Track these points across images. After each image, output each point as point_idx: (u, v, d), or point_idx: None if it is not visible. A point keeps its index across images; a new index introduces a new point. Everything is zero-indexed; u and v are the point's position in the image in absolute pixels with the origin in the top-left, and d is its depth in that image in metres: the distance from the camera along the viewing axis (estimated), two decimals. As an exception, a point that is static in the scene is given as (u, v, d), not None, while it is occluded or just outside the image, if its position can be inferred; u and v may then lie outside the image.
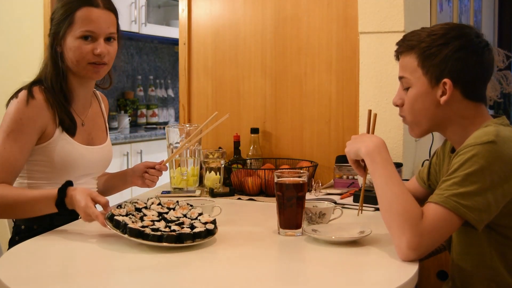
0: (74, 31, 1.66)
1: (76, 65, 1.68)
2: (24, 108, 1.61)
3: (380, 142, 1.40)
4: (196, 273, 1.23)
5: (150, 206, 1.45)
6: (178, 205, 1.49)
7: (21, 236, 1.68)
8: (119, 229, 1.33)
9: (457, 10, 3.33)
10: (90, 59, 1.67)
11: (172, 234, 1.30)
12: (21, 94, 1.64)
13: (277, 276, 1.24)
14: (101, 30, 1.68)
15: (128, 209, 1.42)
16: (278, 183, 1.48)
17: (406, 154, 2.21)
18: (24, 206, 1.54)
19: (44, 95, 1.65)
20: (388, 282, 1.16)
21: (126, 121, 4.40)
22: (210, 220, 1.41)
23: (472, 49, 1.36)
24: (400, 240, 1.25)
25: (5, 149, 1.58)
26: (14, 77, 2.80)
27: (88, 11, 1.66)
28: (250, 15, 2.42)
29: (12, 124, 1.60)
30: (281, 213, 1.48)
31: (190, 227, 1.36)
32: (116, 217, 1.35)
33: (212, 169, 2.09)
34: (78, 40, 1.66)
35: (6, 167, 1.58)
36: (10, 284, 1.12)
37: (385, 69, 2.18)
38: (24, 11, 3.16)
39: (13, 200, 1.54)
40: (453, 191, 1.24)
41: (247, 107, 2.44)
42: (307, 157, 2.32)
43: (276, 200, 1.49)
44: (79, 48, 1.66)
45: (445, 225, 1.24)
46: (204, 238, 1.34)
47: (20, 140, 1.60)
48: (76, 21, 1.66)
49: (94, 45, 1.67)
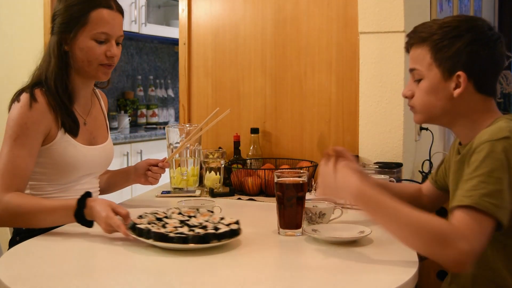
0: (88, 32, 1.66)
1: (87, 65, 1.68)
2: (28, 112, 1.60)
3: (354, 189, 1.30)
4: (195, 273, 1.23)
5: (171, 215, 1.45)
6: (199, 213, 1.48)
7: (21, 236, 1.68)
8: (143, 236, 1.33)
9: (457, 10, 3.33)
10: (102, 61, 1.68)
11: (198, 234, 1.30)
12: (23, 98, 1.63)
13: (278, 276, 1.24)
14: (115, 33, 1.68)
15: (149, 219, 1.41)
16: (278, 183, 1.48)
17: (406, 154, 2.21)
18: (40, 216, 1.52)
19: (46, 98, 1.64)
20: (388, 282, 1.16)
21: (126, 121, 4.40)
22: (234, 221, 1.41)
23: (485, 41, 1.35)
24: (446, 257, 1.19)
25: (14, 155, 1.57)
26: (14, 77, 2.80)
27: (103, 12, 1.66)
28: (250, 15, 2.42)
29: (17, 129, 1.59)
30: (281, 213, 1.48)
31: (214, 230, 1.35)
32: (139, 225, 1.35)
33: (212, 169, 2.09)
34: (91, 42, 1.66)
35: (17, 174, 1.57)
36: (10, 284, 1.12)
37: (385, 69, 2.18)
38: (24, 11, 3.16)
39: (28, 210, 1.52)
40: (482, 190, 1.20)
41: (247, 107, 2.44)
42: (307, 157, 2.32)
43: (276, 200, 1.49)
44: (92, 49, 1.66)
45: (482, 227, 1.18)
46: (230, 238, 1.34)
47: (27, 145, 1.59)
48: (90, 22, 1.65)
49: (107, 46, 1.67)
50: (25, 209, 1.52)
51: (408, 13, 2.17)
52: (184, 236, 1.30)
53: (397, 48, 2.15)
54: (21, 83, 1.71)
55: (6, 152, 1.59)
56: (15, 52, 3.27)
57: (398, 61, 2.16)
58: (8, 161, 1.57)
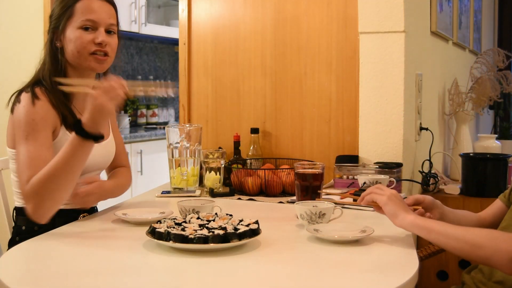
0: (74, 22, 1.66)
1: (78, 56, 1.67)
2: (32, 109, 1.59)
3: (411, 220, 1.38)
4: (192, 274, 1.23)
5: (190, 220, 1.44)
6: (218, 216, 1.48)
7: (21, 237, 1.67)
8: (162, 239, 1.32)
9: (457, 10, 3.33)
10: (91, 49, 1.67)
11: (218, 234, 1.30)
12: (25, 97, 1.62)
13: (278, 276, 1.24)
14: (102, 20, 1.68)
15: (168, 224, 1.41)
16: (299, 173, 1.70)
17: (406, 154, 2.21)
18: (62, 171, 1.48)
19: (46, 95, 1.64)
20: (388, 282, 1.16)
21: (126, 121, 4.40)
22: (253, 221, 1.41)
23: None
24: (501, 258, 1.26)
25: (29, 151, 1.56)
26: (14, 77, 2.80)
27: (88, 1, 1.67)
28: (250, 15, 2.42)
29: (27, 127, 1.58)
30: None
31: (234, 230, 1.35)
32: (158, 229, 1.35)
33: (212, 169, 2.09)
34: (78, 31, 1.66)
35: (37, 165, 1.53)
36: (10, 284, 1.11)
37: (385, 69, 2.18)
38: (24, 11, 3.16)
39: (48, 175, 1.48)
40: None
41: (247, 107, 2.44)
42: (307, 157, 2.32)
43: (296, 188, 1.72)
44: (80, 38, 1.66)
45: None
46: (250, 237, 1.34)
47: (40, 138, 1.58)
48: (76, 12, 1.66)
49: (95, 34, 1.67)
50: (46, 177, 1.48)
51: (408, 13, 2.17)
52: (204, 236, 1.29)
53: (397, 48, 2.16)
54: (21, 83, 1.70)
55: (22, 151, 1.57)
56: (15, 52, 3.27)
57: (398, 61, 2.16)
58: (26, 157, 1.55)
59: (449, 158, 3.08)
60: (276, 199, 1.98)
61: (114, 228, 1.56)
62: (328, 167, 2.22)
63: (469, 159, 2.47)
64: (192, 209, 1.56)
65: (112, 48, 1.72)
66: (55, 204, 1.52)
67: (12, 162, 1.70)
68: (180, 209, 1.59)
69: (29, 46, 3.12)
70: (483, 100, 3.15)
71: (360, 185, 1.94)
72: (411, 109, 2.30)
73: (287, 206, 1.88)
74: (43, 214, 1.49)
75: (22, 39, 3.25)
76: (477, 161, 2.45)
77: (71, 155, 1.48)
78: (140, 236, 1.41)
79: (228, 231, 1.32)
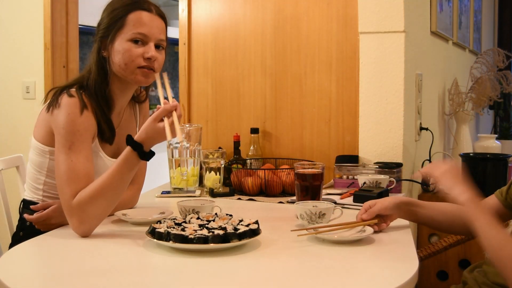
0: (124, 34, 1.60)
1: (124, 69, 1.61)
2: (79, 118, 1.55)
3: (469, 195, 1.39)
4: (192, 274, 1.23)
5: (190, 220, 1.44)
6: (218, 217, 1.48)
7: (25, 232, 1.66)
8: (162, 239, 1.32)
9: (457, 10, 3.33)
10: (140, 63, 1.61)
11: (218, 234, 1.30)
12: (71, 104, 1.57)
13: (278, 276, 1.24)
14: (152, 35, 1.63)
15: (168, 224, 1.41)
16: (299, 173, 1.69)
17: (406, 154, 2.21)
18: (111, 186, 1.47)
19: (91, 105, 1.60)
20: (388, 282, 1.16)
21: (126, 121, 4.39)
22: (253, 222, 1.41)
23: None
24: None
25: (72, 162, 1.52)
26: (14, 77, 2.80)
27: (140, 14, 1.62)
28: (250, 15, 2.42)
29: (71, 137, 1.54)
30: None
31: (234, 230, 1.35)
32: (158, 229, 1.35)
33: (212, 169, 2.09)
34: (127, 43, 1.60)
35: (81, 179, 1.51)
36: (10, 284, 1.11)
37: (385, 69, 2.18)
38: (24, 11, 3.16)
39: (98, 191, 1.47)
40: None
41: (247, 107, 2.44)
42: (307, 157, 2.32)
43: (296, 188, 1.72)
44: (129, 51, 1.60)
45: None
46: (250, 238, 1.34)
47: (83, 151, 1.54)
48: (127, 24, 1.61)
49: (144, 48, 1.61)
50: (96, 193, 1.47)
51: (408, 13, 2.17)
52: (204, 236, 1.29)
53: (397, 48, 2.16)
54: (21, 83, 1.69)
55: (64, 160, 1.53)
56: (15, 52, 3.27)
57: (398, 61, 2.16)
58: (68, 169, 1.51)
59: (449, 158, 3.08)
60: (276, 199, 1.98)
61: (114, 228, 1.56)
62: (328, 167, 2.22)
63: (469, 159, 2.47)
64: (192, 209, 1.56)
65: (160, 63, 1.67)
66: (100, 220, 1.50)
67: (34, 153, 1.67)
68: (180, 209, 1.59)
69: (29, 46, 3.11)
70: (483, 100, 3.16)
71: (360, 185, 1.94)
72: (411, 109, 2.31)
73: (287, 206, 1.88)
74: (88, 229, 1.47)
75: (22, 39, 3.24)
76: (477, 161, 2.45)
77: (125, 172, 1.48)
78: (140, 236, 1.41)
79: (228, 231, 1.33)
